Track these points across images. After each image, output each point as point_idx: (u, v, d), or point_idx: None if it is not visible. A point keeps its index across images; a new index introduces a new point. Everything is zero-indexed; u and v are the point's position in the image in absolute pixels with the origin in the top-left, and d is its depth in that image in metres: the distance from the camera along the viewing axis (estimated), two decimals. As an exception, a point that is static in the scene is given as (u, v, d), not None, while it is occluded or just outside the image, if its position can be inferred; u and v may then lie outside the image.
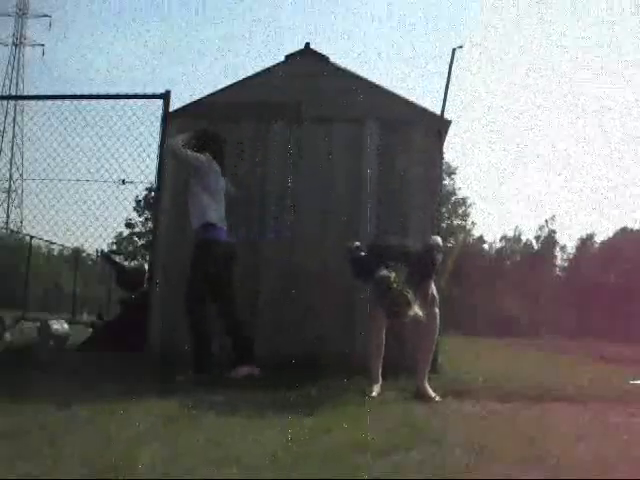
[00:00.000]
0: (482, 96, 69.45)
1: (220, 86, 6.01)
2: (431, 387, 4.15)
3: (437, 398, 4.01)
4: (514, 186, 69.45)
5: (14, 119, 44.99)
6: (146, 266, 7.65)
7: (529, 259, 46.99)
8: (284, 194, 5.77)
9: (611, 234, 47.89)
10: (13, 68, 48.33)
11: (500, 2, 72.99)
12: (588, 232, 47.90)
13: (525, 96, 72.92)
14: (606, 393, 4.47)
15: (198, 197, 4.91)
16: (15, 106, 44.04)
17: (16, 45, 48.83)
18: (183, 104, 6.01)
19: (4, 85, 46.97)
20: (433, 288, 4.31)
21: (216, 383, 4.25)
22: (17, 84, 47.76)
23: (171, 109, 5.97)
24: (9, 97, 43.62)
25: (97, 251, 15.73)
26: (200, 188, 4.91)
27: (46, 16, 49.11)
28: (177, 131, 5.89)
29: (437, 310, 4.27)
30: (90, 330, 7.27)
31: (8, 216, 42.88)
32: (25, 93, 38.81)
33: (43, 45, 49.39)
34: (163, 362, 5.06)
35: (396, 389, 4.25)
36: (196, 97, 6.01)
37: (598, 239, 48.37)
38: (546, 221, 48.73)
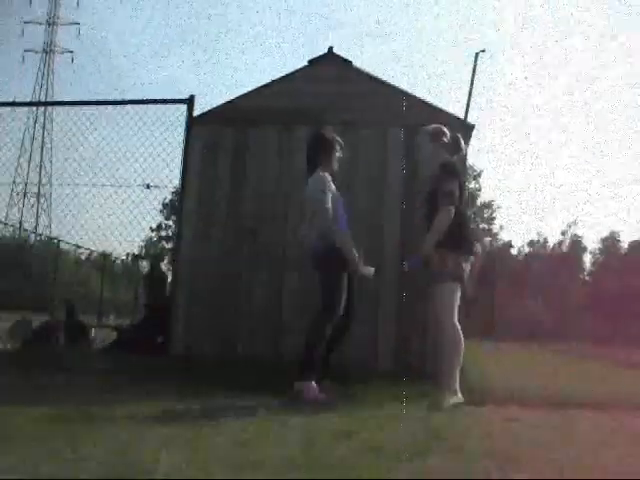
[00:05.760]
0: (505, 99, 69.00)
1: (243, 91, 6.04)
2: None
3: (454, 404, 3.90)
4: (539, 189, 68.86)
5: (43, 125, 45.83)
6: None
7: (556, 263, 46.43)
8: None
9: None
10: (43, 75, 49.24)
11: (524, 5, 72.38)
12: (615, 235, 47.12)
13: (549, 97, 72.08)
14: (632, 400, 4.39)
15: None
16: (45, 112, 44.86)
17: (46, 52, 49.75)
18: (208, 108, 6.07)
19: (34, 91, 47.85)
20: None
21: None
22: (47, 90, 48.65)
23: (195, 114, 6.01)
24: (38, 103, 44.27)
25: (127, 255, 16.05)
26: None
27: (75, 24, 49.98)
28: (201, 135, 5.94)
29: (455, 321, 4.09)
30: (115, 333, 7.35)
31: (37, 221, 43.64)
32: (54, 99, 39.42)
33: (72, 52, 50.09)
34: (185, 365, 5.09)
35: (416, 395, 4.19)
36: (220, 102, 6.06)
37: (626, 242, 47.62)
38: (569, 225, 48.21)
